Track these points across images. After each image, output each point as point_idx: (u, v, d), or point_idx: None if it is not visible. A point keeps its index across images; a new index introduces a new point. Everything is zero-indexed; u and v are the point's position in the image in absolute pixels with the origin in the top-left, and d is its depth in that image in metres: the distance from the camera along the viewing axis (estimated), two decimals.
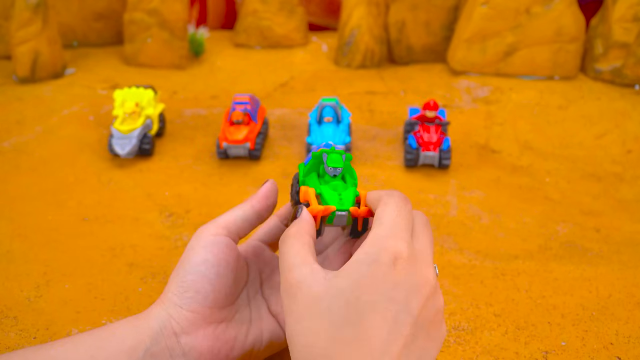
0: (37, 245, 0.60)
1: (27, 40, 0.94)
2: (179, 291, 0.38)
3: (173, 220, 0.65)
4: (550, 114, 0.88)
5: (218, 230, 0.40)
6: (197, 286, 0.38)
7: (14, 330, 0.49)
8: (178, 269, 0.39)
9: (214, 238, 0.39)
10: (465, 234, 0.63)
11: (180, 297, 0.38)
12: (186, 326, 0.37)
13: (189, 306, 0.37)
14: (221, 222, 0.40)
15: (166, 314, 0.37)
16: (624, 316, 0.51)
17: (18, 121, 0.85)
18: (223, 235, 0.40)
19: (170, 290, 0.38)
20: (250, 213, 0.42)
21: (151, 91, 0.80)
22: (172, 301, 0.38)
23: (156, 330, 0.37)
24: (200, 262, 0.38)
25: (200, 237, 0.39)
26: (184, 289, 0.38)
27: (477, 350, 0.47)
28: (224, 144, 0.74)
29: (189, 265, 0.38)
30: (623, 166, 0.78)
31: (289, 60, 1.07)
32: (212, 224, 0.40)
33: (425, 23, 1.04)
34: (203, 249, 0.39)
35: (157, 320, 0.37)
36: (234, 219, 0.41)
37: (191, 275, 0.38)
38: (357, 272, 0.31)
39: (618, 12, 0.91)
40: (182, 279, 0.38)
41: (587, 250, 0.61)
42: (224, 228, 0.40)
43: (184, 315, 0.37)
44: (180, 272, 0.38)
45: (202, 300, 0.38)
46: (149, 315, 0.38)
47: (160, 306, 0.38)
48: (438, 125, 0.74)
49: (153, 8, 1.00)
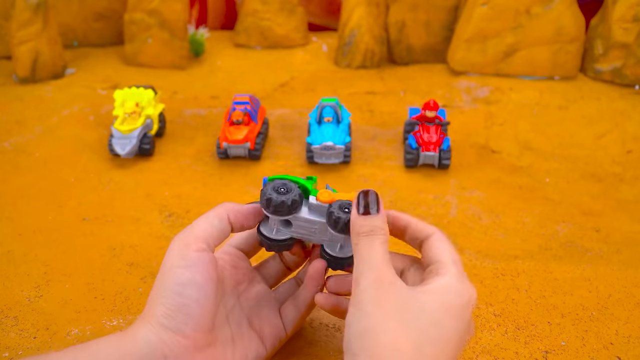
0: (37, 245, 0.60)
1: (28, 40, 0.94)
2: (168, 314, 0.35)
3: (173, 220, 0.65)
4: (550, 114, 0.88)
5: (200, 245, 0.37)
6: (188, 310, 0.36)
7: (14, 330, 0.49)
8: (164, 288, 0.36)
9: (198, 255, 0.37)
10: (465, 234, 0.63)
11: (171, 320, 0.35)
12: (179, 352, 0.35)
13: (181, 331, 0.35)
14: (200, 235, 0.38)
15: (157, 338, 0.35)
16: (624, 316, 0.51)
17: (18, 121, 0.85)
18: (206, 251, 0.38)
19: (158, 311, 0.36)
20: (226, 225, 0.40)
21: (151, 91, 0.80)
22: (162, 324, 0.35)
23: (145, 354, 0.35)
24: (188, 284, 0.36)
25: (183, 254, 0.37)
26: (173, 311, 0.35)
27: (477, 350, 0.47)
28: (224, 144, 0.74)
29: (176, 287, 0.36)
30: (623, 166, 0.78)
31: (289, 61, 1.07)
32: (190, 235, 0.38)
33: (425, 23, 1.04)
34: (188, 268, 0.36)
35: (146, 344, 0.35)
36: (211, 230, 0.39)
37: (181, 298, 0.36)
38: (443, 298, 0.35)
39: (618, 13, 0.91)
40: (171, 301, 0.36)
41: (587, 250, 0.61)
42: (204, 242, 0.38)
43: (177, 341, 0.35)
44: (166, 292, 0.36)
45: (194, 325, 0.36)
46: (135, 338, 0.35)
47: (147, 328, 0.36)
48: (438, 125, 0.74)
49: (153, 8, 1.00)
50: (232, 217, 0.40)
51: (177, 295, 0.36)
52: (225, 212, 0.40)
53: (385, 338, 0.33)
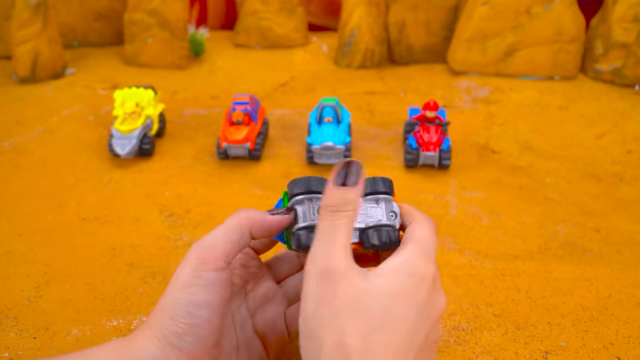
0: (37, 245, 0.60)
1: (28, 40, 0.94)
2: (177, 332, 0.35)
3: (173, 220, 0.65)
4: (550, 114, 0.88)
5: (219, 264, 0.36)
6: (198, 331, 0.35)
7: (14, 330, 0.49)
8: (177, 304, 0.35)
9: (215, 275, 0.35)
10: (465, 234, 0.63)
11: (179, 339, 0.34)
12: None
13: (188, 350, 0.35)
14: (219, 252, 0.36)
15: (162, 354, 0.34)
16: (624, 316, 0.51)
17: (18, 121, 0.85)
18: (224, 270, 0.36)
19: (165, 326, 0.35)
20: (247, 240, 0.38)
21: (151, 91, 0.80)
22: (169, 340, 0.35)
23: None
24: (203, 305, 0.35)
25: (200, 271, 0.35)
26: (183, 330, 0.35)
27: (477, 350, 0.47)
28: (224, 144, 0.74)
29: (190, 306, 0.35)
30: (623, 166, 0.78)
31: (289, 61, 1.07)
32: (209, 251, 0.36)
33: (425, 23, 1.04)
34: (204, 287, 0.35)
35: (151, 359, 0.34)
36: (231, 247, 0.37)
37: (193, 318, 0.35)
38: (394, 280, 0.34)
39: (618, 13, 0.91)
40: (182, 319, 0.35)
41: (587, 250, 0.61)
42: (223, 260, 0.36)
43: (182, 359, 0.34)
44: (179, 310, 0.35)
45: (202, 345, 0.35)
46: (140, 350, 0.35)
47: (153, 342, 0.35)
48: (438, 125, 0.74)
49: (153, 8, 1.00)
50: (255, 231, 0.38)
51: (189, 315, 0.35)
52: (247, 225, 0.37)
53: (328, 339, 0.31)
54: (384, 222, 0.39)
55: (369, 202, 0.40)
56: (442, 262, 0.58)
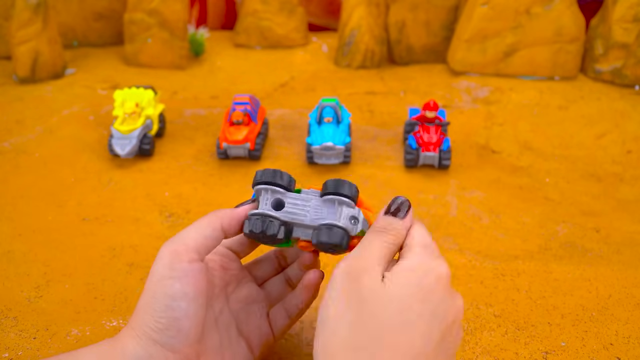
0: (37, 245, 0.60)
1: (28, 40, 0.94)
2: (158, 327, 0.35)
3: (173, 220, 0.65)
4: (550, 115, 0.88)
5: (191, 255, 0.36)
6: (179, 325, 0.35)
7: (14, 330, 0.49)
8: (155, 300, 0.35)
9: (189, 266, 0.36)
10: (465, 234, 0.63)
11: (161, 334, 0.35)
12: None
13: (171, 346, 0.35)
14: (191, 244, 0.37)
15: (145, 353, 0.34)
16: (624, 316, 0.51)
17: (18, 121, 0.85)
18: (197, 262, 0.36)
19: (146, 323, 0.35)
20: (219, 234, 0.38)
21: (151, 91, 0.80)
22: (151, 338, 0.35)
23: None
24: (180, 297, 0.35)
25: (173, 264, 0.36)
26: (164, 325, 0.35)
27: (477, 350, 0.47)
28: (224, 144, 0.74)
29: (167, 299, 0.35)
30: (623, 166, 0.78)
31: (289, 61, 1.07)
32: (181, 244, 0.37)
33: (425, 23, 1.04)
34: (179, 279, 0.35)
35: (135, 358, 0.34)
36: (203, 240, 0.37)
37: (172, 311, 0.35)
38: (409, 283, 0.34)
39: (618, 13, 0.91)
40: (162, 314, 0.35)
41: (587, 250, 0.61)
42: (195, 252, 0.37)
43: (165, 356, 0.35)
44: (157, 305, 0.35)
45: (184, 339, 0.35)
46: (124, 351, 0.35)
47: (135, 341, 0.35)
48: (438, 125, 0.74)
49: (153, 8, 1.00)
50: (225, 224, 0.39)
51: (168, 309, 0.35)
52: (218, 220, 0.39)
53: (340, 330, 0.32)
54: (338, 224, 0.39)
55: (328, 203, 0.40)
56: None
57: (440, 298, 0.34)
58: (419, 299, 0.33)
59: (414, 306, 0.33)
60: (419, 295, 0.33)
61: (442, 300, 0.34)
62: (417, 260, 0.35)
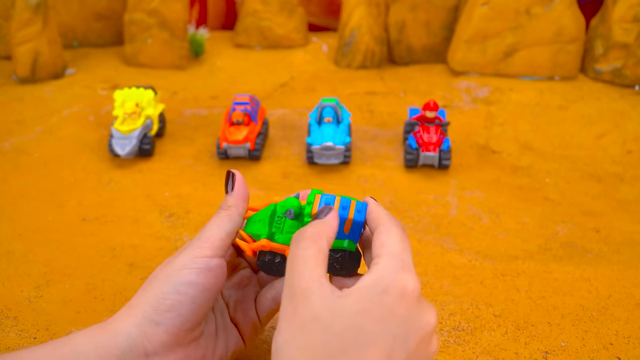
0: (37, 245, 0.60)
1: (28, 41, 0.94)
2: (159, 307, 0.35)
3: (173, 220, 0.65)
4: (550, 115, 0.88)
5: (215, 252, 0.37)
6: (181, 309, 0.35)
7: (14, 330, 0.49)
8: (162, 282, 0.36)
9: (210, 261, 0.37)
10: (465, 234, 0.63)
11: (160, 314, 0.35)
12: (159, 347, 0.35)
13: (166, 327, 0.35)
14: (217, 242, 0.37)
15: (139, 330, 0.35)
16: (624, 316, 0.51)
17: (18, 121, 0.85)
18: (218, 258, 0.37)
19: (148, 302, 0.35)
20: (238, 224, 0.39)
21: (151, 91, 0.80)
22: (149, 317, 0.35)
23: (125, 349, 0.34)
24: (190, 284, 0.35)
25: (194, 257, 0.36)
26: (166, 307, 0.35)
27: (477, 350, 0.47)
28: (224, 145, 0.74)
29: (176, 283, 0.35)
30: (623, 166, 0.78)
31: (289, 61, 1.07)
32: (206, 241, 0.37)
33: (425, 23, 1.04)
34: (196, 270, 0.36)
35: (127, 337, 0.34)
36: (227, 236, 0.38)
37: (178, 295, 0.35)
38: (365, 298, 0.31)
39: (618, 13, 0.91)
40: (166, 295, 0.35)
41: (587, 250, 0.61)
42: (220, 249, 0.37)
43: (159, 336, 0.35)
44: (164, 286, 0.35)
45: (181, 323, 0.35)
46: (117, 331, 0.35)
47: (131, 320, 0.35)
48: (438, 125, 0.74)
49: (153, 8, 1.00)
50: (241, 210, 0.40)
51: (175, 292, 0.35)
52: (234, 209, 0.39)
53: (288, 354, 0.30)
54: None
55: None
56: (442, 263, 0.58)
57: (403, 316, 0.31)
58: (376, 319, 0.30)
59: (370, 326, 0.30)
60: (376, 314, 0.30)
61: (406, 319, 0.31)
62: (379, 275, 0.32)
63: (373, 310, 0.30)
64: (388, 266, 0.32)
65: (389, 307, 0.31)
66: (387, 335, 0.30)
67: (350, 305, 0.31)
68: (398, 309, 0.31)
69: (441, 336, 0.49)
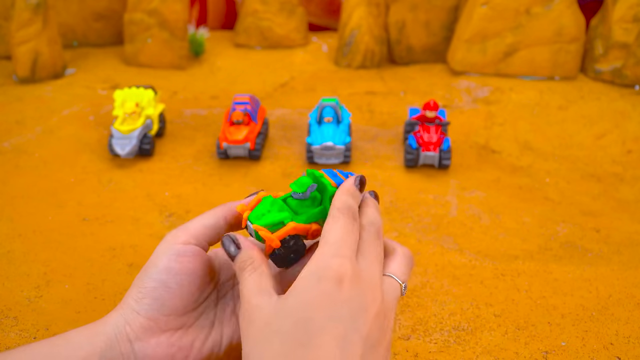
0: (37, 245, 0.60)
1: (27, 41, 0.94)
2: (138, 297, 0.37)
3: (173, 220, 0.65)
4: (550, 114, 0.88)
5: (188, 239, 0.39)
6: (155, 294, 0.37)
7: (14, 330, 0.49)
8: (141, 274, 0.38)
9: (181, 247, 0.38)
10: (465, 234, 0.63)
11: (139, 302, 0.37)
12: (140, 333, 0.36)
13: (145, 313, 0.37)
14: (192, 231, 0.39)
15: (123, 319, 0.36)
16: (624, 316, 0.51)
17: (18, 121, 0.85)
18: (192, 245, 0.39)
19: (130, 295, 0.37)
20: (222, 224, 0.40)
21: (151, 91, 0.80)
22: (130, 306, 0.37)
23: (111, 336, 0.36)
24: (162, 270, 0.37)
25: (168, 245, 0.38)
26: (142, 294, 0.37)
27: (477, 350, 0.47)
28: (224, 144, 0.74)
29: (151, 272, 0.37)
30: (623, 166, 0.78)
31: (289, 61, 1.07)
32: (182, 230, 0.39)
33: (425, 23, 1.04)
34: (168, 256, 0.38)
35: (113, 326, 0.36)
36: (204, 229, 0.39)
37: (152, 282, 0.37)
38: (304, 291, 0.33)
39: (618, 13, 0.91)
40: (143, 285, 0.37)
41: (587, 250, 0.61)
42: (194, 237, 0.39)
43: (139, 322, 0.36)
44: (142, 277, 0.38)
45: (159, 308, 0.37)
46: (105, 321, 0.37)
47: (118, 311, 0.37)
48: (438, 125, 0.74)
49: (153, 8, 1.00)
50: (229, 217, 0.40)
51: (149, 280, 0.37)
52: (221, 212, 0.40)
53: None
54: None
55: None
56: (442, 262, 0.58)
57: (345, 299, 0.32)
58: (318, 307, 0.32)
59: (315, 315, 0.31)
60: (317, 303, 0.32)
61: (348, 301, 0.32)
62: (312, 265, 0.34)
63: (313, 300, 0.32)
64: (320, 255, 0.34)
65: (328, 294, 0.32)
66: (334, 320, 0.31)
67: (294, 302, 0.32)
68: (337, 293, 0.32)
69: (441, 336, 0.49)
